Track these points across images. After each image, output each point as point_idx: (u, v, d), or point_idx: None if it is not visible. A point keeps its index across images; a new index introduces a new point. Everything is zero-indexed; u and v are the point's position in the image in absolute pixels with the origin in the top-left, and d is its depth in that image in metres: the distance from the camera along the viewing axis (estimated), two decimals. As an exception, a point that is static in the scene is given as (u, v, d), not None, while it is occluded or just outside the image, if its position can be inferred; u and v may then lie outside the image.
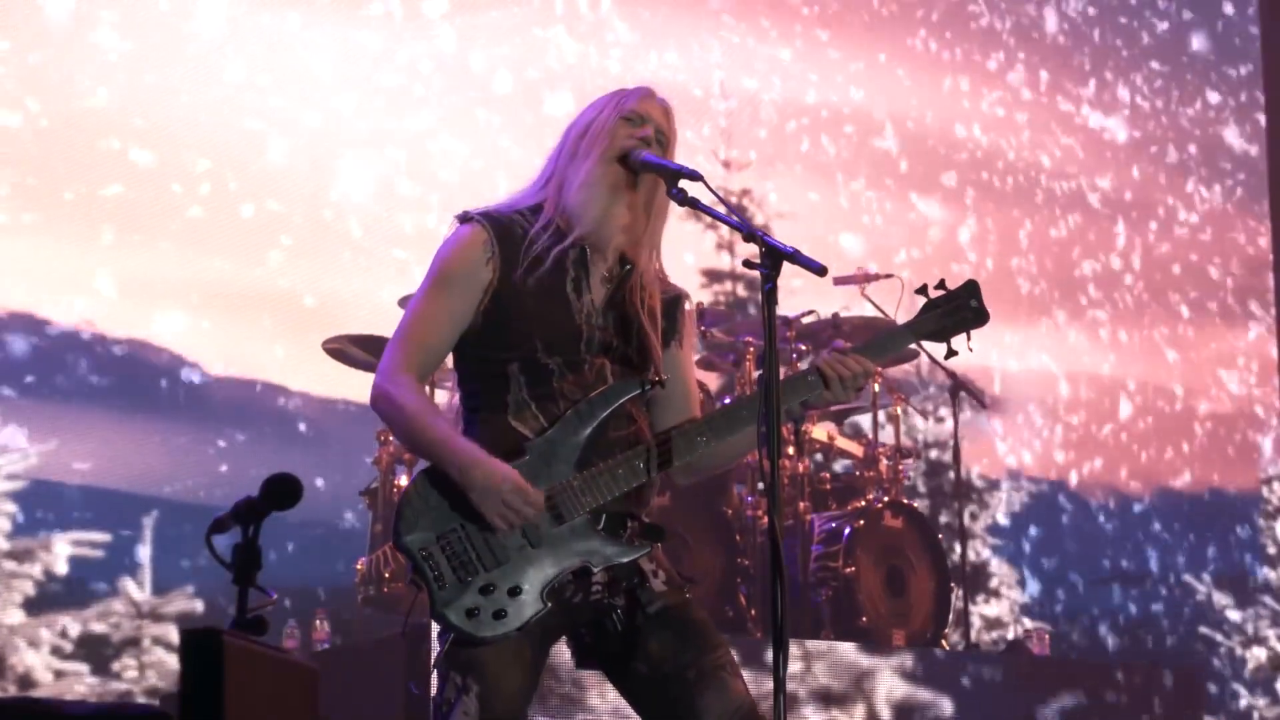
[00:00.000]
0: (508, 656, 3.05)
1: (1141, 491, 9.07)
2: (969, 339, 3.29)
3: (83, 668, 6.59)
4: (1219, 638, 9.05)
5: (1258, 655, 9.14)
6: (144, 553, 6.85)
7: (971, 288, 3.30)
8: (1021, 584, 8.51)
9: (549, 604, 3.04)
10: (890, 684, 5.71)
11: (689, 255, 7.86)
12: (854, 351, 3.22)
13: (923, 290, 3.29)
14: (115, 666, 6.65)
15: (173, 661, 6.59)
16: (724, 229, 7.84)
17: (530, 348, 3.14)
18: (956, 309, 3.28)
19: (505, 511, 3.01)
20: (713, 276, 8.03)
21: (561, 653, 3.36)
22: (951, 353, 3.28)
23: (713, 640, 3.17)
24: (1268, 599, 9.32)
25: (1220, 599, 9.11)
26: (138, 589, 6.83)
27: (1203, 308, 9.46)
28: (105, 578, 6.78)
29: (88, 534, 6.77)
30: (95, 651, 6.65)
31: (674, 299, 3.35)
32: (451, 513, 3.05)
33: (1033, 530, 8.72)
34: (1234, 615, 9.14)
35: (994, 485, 8.59)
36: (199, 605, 6.85)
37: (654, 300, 3.27)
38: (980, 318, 3.29)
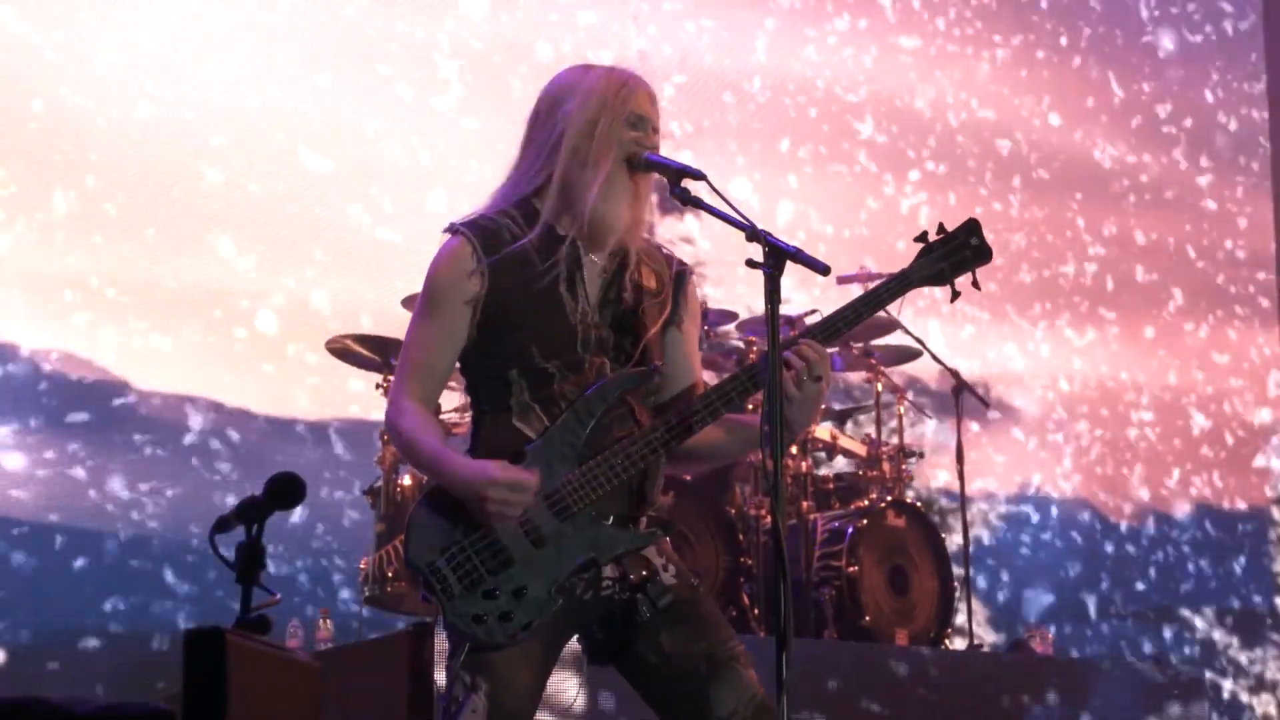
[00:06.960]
0: (516, 656, 3.06)
1: (1140, 513, 8.80)
2: (974, 277, 3.16)
3: None
4: (1224, 681, 8.68)
5: (1265, 703, 8.77)
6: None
7: (972, 226, 3.18)
8: (993, 624, 8.23)
9: (559, 601, 3.05)
10: (893, 683, 5.70)
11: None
12: (851, 306, 3.13)
13: (922, 237, 3.18)
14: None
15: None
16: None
17: (527, 353, 3.13)
18: (955, 249, 3.16)
19: (498, 507, 3.01)
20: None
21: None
22: (956, 294, 3.17)
23: (724, 632, 3.17)
24: (1276, 636, 8.93)
25: (1223, 637, 8.80)
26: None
27: (1207, 312, 9.28)
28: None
29: None
30: None
31: (679, 276, 3.30)
32: (454, 526, 3.07)
33: (1011, 555, 8.47)
34: (1240, 656, 8.83)
35: (969, 503, 8.09)
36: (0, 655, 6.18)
37: (650, 281, 3.23)
38: (981, 255, 3.16)
